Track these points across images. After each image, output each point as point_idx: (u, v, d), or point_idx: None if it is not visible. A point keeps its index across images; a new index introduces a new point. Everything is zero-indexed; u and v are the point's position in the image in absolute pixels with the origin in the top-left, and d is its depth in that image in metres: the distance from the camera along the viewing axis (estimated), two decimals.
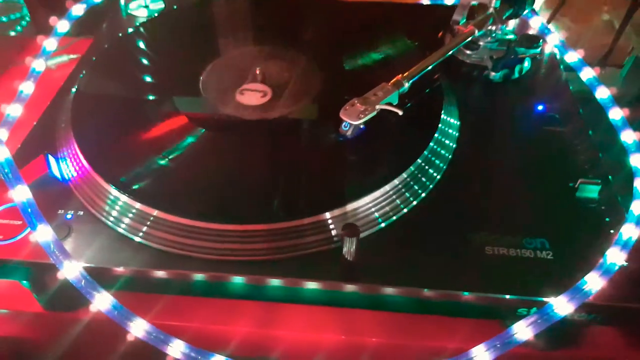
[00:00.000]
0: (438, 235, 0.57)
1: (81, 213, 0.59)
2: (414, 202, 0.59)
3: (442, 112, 0.66)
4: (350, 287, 0.54)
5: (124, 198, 0.58)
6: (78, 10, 0.82)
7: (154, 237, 0.56)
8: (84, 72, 0.75)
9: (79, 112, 0.67)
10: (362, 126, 0.62)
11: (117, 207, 0.58)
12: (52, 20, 0.80)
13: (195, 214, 0.56)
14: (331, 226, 0.57)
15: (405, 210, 0.59)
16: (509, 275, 0.54)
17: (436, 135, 0.63)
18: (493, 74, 0.73)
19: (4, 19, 1.06)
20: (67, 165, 0.62)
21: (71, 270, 0.52)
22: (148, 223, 0.57)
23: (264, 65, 0.73)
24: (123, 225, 0.57)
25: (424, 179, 0.61)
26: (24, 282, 0.59)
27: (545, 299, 0.52)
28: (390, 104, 0.62)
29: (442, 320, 0.60)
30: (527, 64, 0.75)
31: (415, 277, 0.54)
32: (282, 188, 0.60)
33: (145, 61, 0.79)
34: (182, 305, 0.61)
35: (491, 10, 0.73)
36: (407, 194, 0.59)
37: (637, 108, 0.73)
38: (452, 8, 0.81)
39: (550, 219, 0.58)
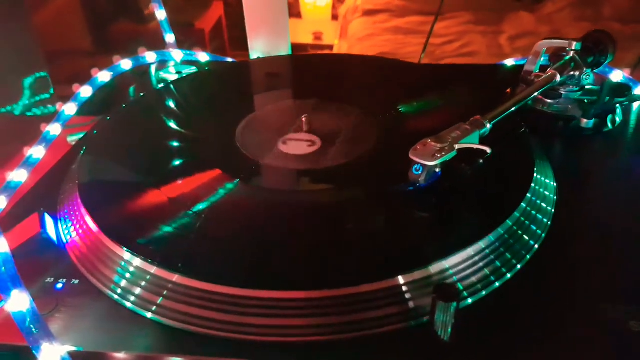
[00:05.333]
0: (556, 312, 0.39)
1: (76, 282, 0.43)
2: (508, 275, 0.42)
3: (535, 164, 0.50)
4: None
5: (137, 262, 0.42)
6: (104, 76, 0.71)
7: (171, 312, 0.40)
8: (95, 131, 0.62)
9: (87, 169, 0.53)
10: (437, 170, 0.47)
11: (127, 275, 0.42)
12: (75, 87, 0.69)
13: (227, 279, 0.40)
14: (407, 295, 0.40)
15: (497, 283, 0.42)
16: None
17: (528, 195, 0.47)
18: (585, 121, 0.58)
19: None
20: (67, 226, 0.47)
21: (52, 356, 0.35)
22: (165, 293, 0.40)
23: (309, 116, 0.59)
24: (132, 298, 0.41)
25: (517, 247, 0.44)
26: None
27: None
28: (473, 144, 0.47)
29: None
30: (618, 114, 0.60)
31: None
32: (335, 247, 0.44)
33: (169, 116, 0.66)
34: None
35: (571, 54, 0.60)
36: (498, 263, 0.42)
37: None
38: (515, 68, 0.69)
39: None
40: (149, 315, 0.40)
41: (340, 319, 0.39)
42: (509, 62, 0.78)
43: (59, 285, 0.42)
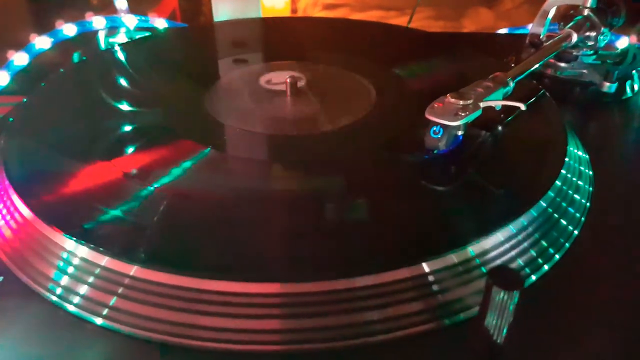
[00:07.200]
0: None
1: (0, 279, 0.32)
2: (545, 267, 0.34)
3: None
4: None
5: (83, 252, 0.32)
6: (44, 43, 0.60)
7: (128, 316, 0.30)
8: (25, 99, 0.49)
9: (16, 141, 0.42)
10: (459, 133, 0.38)
11: (70, 269, 0.32)
12: (9, 53, 0.58)
13: (198, 267, 0.30)
14: (433, 287, 0.31)
15: (533, 277, 0.33)
16: None
17: (563, 171, 0.39)
18: (606, 85, 0.51)
19: None
20: None
21: None
22: (120, 291, 0.30)
23: (294, 76, 0.49)
24: (76, 299, 0.31)
25: (553, 233, 0.36)
26: None
27: None
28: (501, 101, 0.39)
29: None
30: (635, 81, 0.54)
31: None
32: (342, 229, 0.34)
33: (119, 81, 0.54)
34: None
35: (587, 11, 0.53)
36: (533, 252, 0.34)
37: None
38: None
39: None
40: (98, 320, 0.30)
41: (350, 319, 0.30)
42: (502, 31, 0.71)
43: None
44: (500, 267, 0.27)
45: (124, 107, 0.48)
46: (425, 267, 0.31)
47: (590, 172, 0.42)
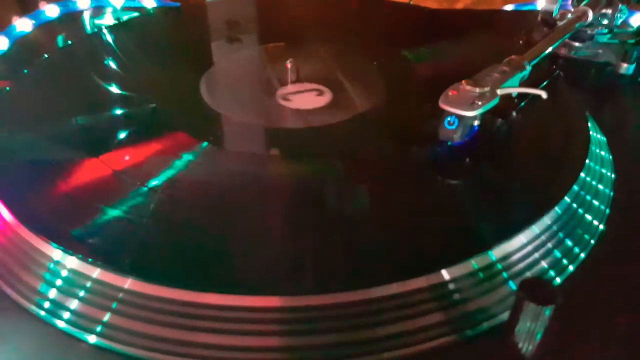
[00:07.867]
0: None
1: None
2: (570, 268, 0.31)
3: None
4: None
5: (72, 263, 0.29)
6: (25, 25, 0.56)
7: (123, 334, 0.27)
8: (7, 88, 0.46)
9: None
10: (475, 123, 0.35)
11: (58, 282, 0.29)
12: None
13: (198, 280, 0.28)
14: (454, 295, 0.29)
15: (558, 280, 0.31)
16: None
17: (587, 160, 0.36)
18: (624, 66, 0.48)
19: None
20: None
21: None
22: (114, 306, 0.28)
23: (294, 61, 0.45)
24: (66, 315, 0.28)
25: (578, 230, 0.33)
26: None
27: None
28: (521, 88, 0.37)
29: None
30: None
31: None
32: (348, 234, 0.31)
33: (106, 68, 0.50)
34: None
35: None
36: (557, 253, 0.32)
37: None
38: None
39: None
40: (91, 338, 0.28)
41: (364, 335, 0.27)
42: (509, 7, 0.67)
43: None
44: (531, 279, 0.25)
45: (115, 97, 0.45)
46: (445, 274, 0.29)
47: (610, 157, 0.39)
